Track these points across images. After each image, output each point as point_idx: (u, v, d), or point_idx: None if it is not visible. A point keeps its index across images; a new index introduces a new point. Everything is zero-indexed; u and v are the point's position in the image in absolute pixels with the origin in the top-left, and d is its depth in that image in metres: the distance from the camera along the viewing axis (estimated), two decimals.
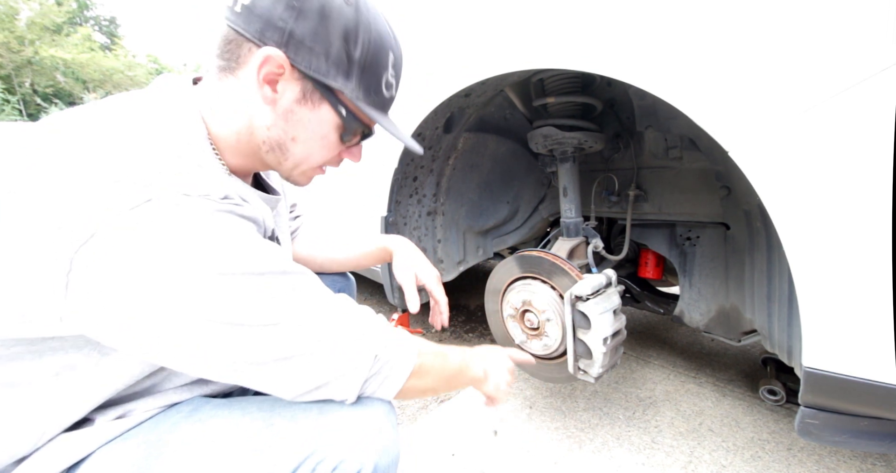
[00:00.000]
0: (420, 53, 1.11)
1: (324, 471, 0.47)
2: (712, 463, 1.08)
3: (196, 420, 0.51)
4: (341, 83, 0.53)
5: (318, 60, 0.51)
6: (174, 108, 0.50)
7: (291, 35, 0.49)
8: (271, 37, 0.48)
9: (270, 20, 0.48)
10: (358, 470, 0.48)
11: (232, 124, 0.54)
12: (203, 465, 0.47)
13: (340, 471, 0.47)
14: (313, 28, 0.49)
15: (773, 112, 0.59)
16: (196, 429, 0.50)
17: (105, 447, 0.48)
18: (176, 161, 0.44)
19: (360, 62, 0.53)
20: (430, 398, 1.43)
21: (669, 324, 1.96)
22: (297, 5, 0.48)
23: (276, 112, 0.53)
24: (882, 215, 0.53)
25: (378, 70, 0.55)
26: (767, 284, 0.94)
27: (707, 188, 1.17)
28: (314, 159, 0.60)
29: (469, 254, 1.63)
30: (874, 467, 1.04)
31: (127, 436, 0.50)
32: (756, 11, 0.59)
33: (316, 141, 0.57)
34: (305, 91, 0.53)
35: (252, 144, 0.55)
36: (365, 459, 0.48)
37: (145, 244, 0.38)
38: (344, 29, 0.51)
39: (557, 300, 1.08)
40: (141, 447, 0.48)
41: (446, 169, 1.43)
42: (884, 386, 0.57)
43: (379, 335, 0.54)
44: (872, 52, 0.51)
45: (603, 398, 1.39)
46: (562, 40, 0.80)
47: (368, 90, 0.56)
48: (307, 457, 0.47)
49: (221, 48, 0.52)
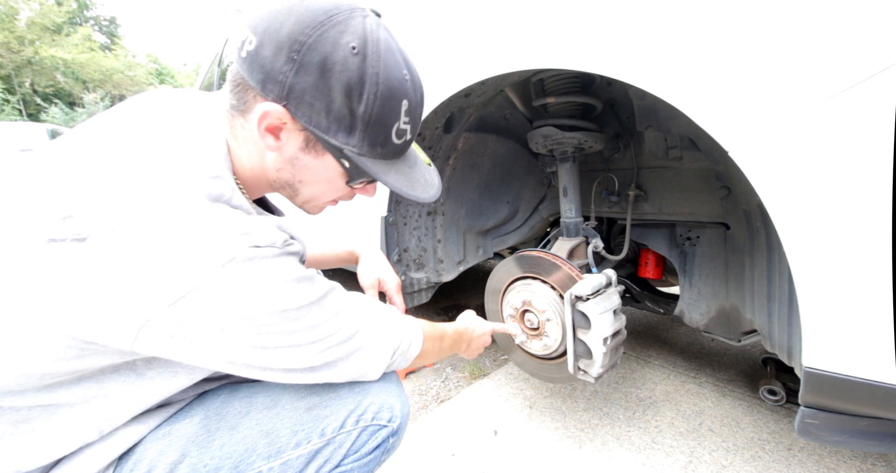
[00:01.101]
0: (420, 53, 1.11)
1: (368, 417, 0.61)
2: (712, 463, 1.08)
3: (242, 396, 0.60)
4: (342, 140, 0.51)
5: (319, 116, 0.49)
6: (208, 145, 0.51)
7: (291, 90, 0.47)
8: (272, 90, 0.48)
9: (271, 73, 0.47)
10: (391, 416, 0.63)
11: (247, 161, 0.56)
12: (264, 426, 0.56)
13: (379, 417, 0.62)
14: (313, 83, 0.47)
15: (773, 112, 0.59)
16: (246, 402, 0.59)
17: (155, 431, 0.54)
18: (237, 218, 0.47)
19: (364, 117, 0.50)
20: (430, 399, 1.44)
21: (669, 324, 1.96)
22: (298, 59, 0.46)
23: (282, 157, 0.54)
24: (882, 214, 0.53)
25: (387, 122, 0.52)
26: (767, 284, 0.94)
27: (707, 188, 1.17)
28: (325, 198, 0.62)
29: (469, 254, 1.63)
30: (874, 467, 1.04)
31: (176, 418, 0.56)
32: (756, 11, 0.59)
33: (323, 184, 0.59)
34: (308, 141, 0.53)
35: (264, 179, 0.58)
36: (394, 408, 0.63)
37: (229, 296, 0.44)
38: (346, 84, 0.48)
39: (557, 300, 1.08)
40: (197, 424, 0.55)
41: (446, 169, 1.43)
42: (884, 386, 0.57)
43: (401, 330, 0.64)
44: (872, 52, 0.51)
45: (603, 398, 1.39)
46: (562, 40, 0.80)
47: (374, 144, 0.53)
48: (354, 409, 0.60)
49: (232, 87, 0.51)
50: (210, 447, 0.53)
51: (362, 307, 0.60)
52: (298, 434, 0.57)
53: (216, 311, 0.43)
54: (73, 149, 0.46)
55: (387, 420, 0.62)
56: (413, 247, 1.46)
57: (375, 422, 0.61)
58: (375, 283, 0.91)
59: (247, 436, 0.55)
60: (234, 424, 0.56)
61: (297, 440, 0.56)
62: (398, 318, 0.66)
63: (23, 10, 18.69)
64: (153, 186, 0.43)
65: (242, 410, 0.58)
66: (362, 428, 0.61)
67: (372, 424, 0.61)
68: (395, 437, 0.64)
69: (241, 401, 0.59)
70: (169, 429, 0.54)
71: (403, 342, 0.64)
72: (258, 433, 0.56)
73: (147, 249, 0.40)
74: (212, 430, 0.55)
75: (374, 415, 0.61)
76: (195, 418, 0.56)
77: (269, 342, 0.48)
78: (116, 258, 0.40)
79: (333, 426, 0.59)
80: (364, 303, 0.62)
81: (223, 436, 0.55)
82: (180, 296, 0.41)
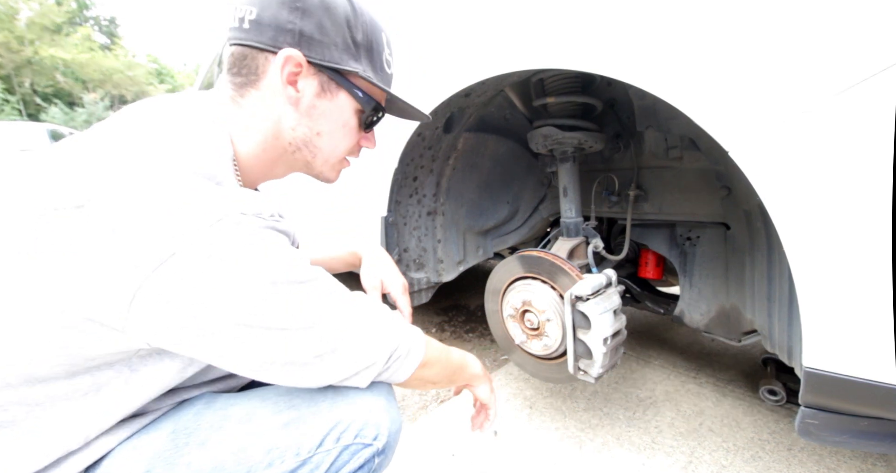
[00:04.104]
0: (420, 53, 1.11)
1: (350, 435, 0.55)
2: (713, 463, 1.08)
3: (217, 408, 0.55)
4: (353, 66, 0.58)
5: (329, 50, 0.56)
6: (206, 135, 0.52)
7: (302, 33, 0.53)
8: (284, 40, 0.53)
9: (280, 25, 0.53)
10: (376, 434, 0.57)
11: (258, 135, 0.58)
12: (236, 443, 0.51)
13: (362, 435, 0.56)
14: (319, 22, 0.54)
15: (773, 112, 0.59)
16: (220, 415, 0.54)
17: (125, 443, 0.51)
18: (228, 189, 0.48)
19: (364, 45, 0.59)
20: (430, 399, 1.43)
21: (669, 324, 1.96)
22: (301, 6, 0.53)
23: (299, 111, 0.58)
24: (882, 215, 0.53)
25: (379, 49, 0.61)
26: (767, 284, 0.94)
27: (707, 188, 1.16)
28: (339, 149, 0.65)
29: (469, 254, 1.63)
30: (874, 467, 1.04)
31: (147, 430, 0.52)
32: (756, 11, 0.59)
33: (339, 130, 0.63)
34: (322, 84, 0.58)
35: (278, 148, 0.60)
36: (381, 425, 0.57)
37: (219, 259, 0.42)
38: (345, 17, 0.56)
39: (557, 301, 1.07)
40: (166, 437, 0.51)
41: (446, 169, 1.42)
42: (884, 386, 0.57)
43: (396, 332, 0.59)
44: (872, 52, 0.51)
45: (603, 399, 1.39)
46: (562, 40, 0.80)
47: (375, 69, 0.61)
48: (334, 426, 0.55)
49: (237, 67, 0.56)
50: (176, 464, 0.49)
51: (358, 302, 0.56)
52: (272, 453, 0.52)
53: (204, 273, 0.41)
54: (74, 147, 0.47)
55: (371, 439, 0.56)
56: (413, 247, 1.46)
57: (358, 440, 0.56)
58: (378, 284, 0.86)
59: (217, 454, 0.50)
60: (205, 439, 0.51)
61: (271, 459, 0.51)
62: (397, 321, 0.61)
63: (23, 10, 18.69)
64: (150, 161, 0.44)
65: (215, 423, 0.53)
66: (343, 447, 0.55)
67: (354, 443, 0.55)
68: (381, 457, 0.58)
69: (216, 414, 0.54)
70: (137, 442, 0.51)
71: (402, 347, 0.59)
72: (229, 450, 0.51)
73: (138, 211, 0.41)
74: (180, 445, 0.50)
75: (358, 433, 0.56)
76: (164, 430, 0.52)
77: (255, 320, 0.45)
78: (110, 221, 0.40)
79: (310, 444, 0.53)
80: (360, 300, 0.58)
81: (191, 452, 0.50)
82: (170, 254, 0.40)
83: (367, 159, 1.36)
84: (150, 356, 0.49)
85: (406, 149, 1.22)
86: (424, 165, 1.36)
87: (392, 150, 1.25)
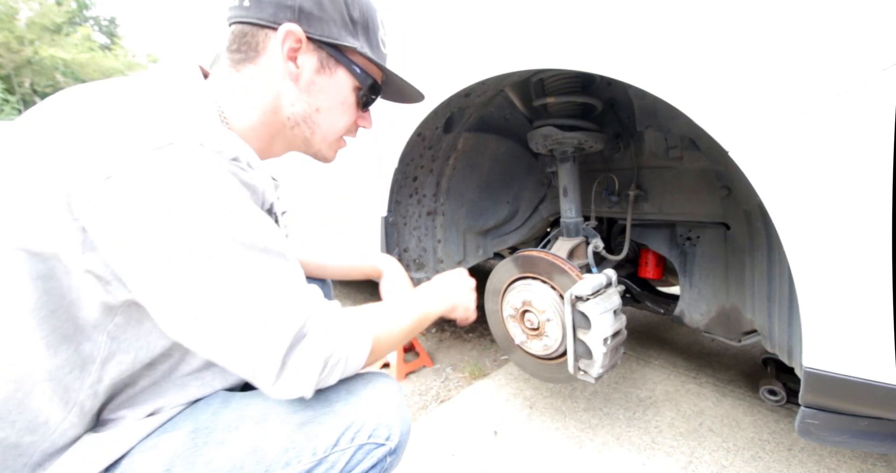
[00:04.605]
0: (420, 53, 1.11)
1: (364, 435, 0.56)
2: (713, 464, 1.08)
3: (234, 407, 0.56)
4: (351, 42, 0.60)
5: (328, 26, 0.57)
6: (186, 92, 0.52)
7: (301, 10, 0.55)
8: (284, 16, 0.55)
9: (280, 2, 0.54)
10: (388, 434, 0.58)
11: (254, 108, 0.58)
12: (253, 443, 0.52)
13: (376, 435, 0.57)
14: None
15: (773, 113, 0.59)
16: (237, 415, 0.55)
17: (143, 442, 0.51)
18: (194, 118, 0.47)
19: (361, 22, 0.61)
20: (430, 399, 1.43)
21: (669, 324, 1.96)
22: None
23: (298, 87, 0.59)
24: (882, 215, 0.53)
25: (375, 27, 0.63)
26: (767, 284, 0.94)
27: (707, 188, 1.16)
28: (338, 126, 0.66)
29: (469, 254, 1.63)
30: (874, 467, 1.04)
31: (164, 430, 0.53)
32: (757, 12, 0.59)
33: (337, 107, 0.63)
34: (322, 60, 0.59)
35: (276, 123, 0.61)
36: (392, 426, 0.58)
37: (161, 183, 0.41)
38: None
39: (557, 301, 1.07)
40: (185, 437, 0.52)
41: (446, 169, 1.42)
42: (884, 386, 0.57)
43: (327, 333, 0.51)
44: (872, 52, 0.51)
45: (603, 399, 1.39)
46: (562, 40, 0.80)
47: (372, 46, 0.63)
48: (349, 425, 0.55)
49: (236, 43, 0.57)
50: (196, 463, 0.50)
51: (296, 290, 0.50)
52: (289, 453, 0.52)
53: (143, 197, 0.41)
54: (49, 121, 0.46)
55: (384, 439, 0.58)
56: (413, 247, 1.45)
57: (372, 440, 0.57)
58: None
59: (234, 453, 0.51)
60: (222, 439, 0.52)
61: (288, 458, 0.52)
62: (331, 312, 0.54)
63: (23, 9, 18.69)
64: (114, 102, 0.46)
65: (232, 423, 0.54)
66: (357, 447, 0.56)
67: (368, 442, 0.57)
68: (392, 456, 0.59)
69: (232, 413, 0.55)
70: (156, 441, 0.51)
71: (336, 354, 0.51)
72: (246, 450, 0.51)
73: (91, 127, 0.43)
74: (199, 444, 0.51)
75: (371, 433, 0.57)
76: (183, 430, 0.53)
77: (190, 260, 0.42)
78: (65, 136, 0.43)
79: (326, 444, 0.54)
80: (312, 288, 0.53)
81: (210, 452, 0.51)
82: (114, 171, 0.40)
83: (367, 159, 1.36)
84: (129, 323, 0.50)
85: (406, 149, 1.22)
86: (424, 165, 1.36)
87: (392, 150, 1.25)
